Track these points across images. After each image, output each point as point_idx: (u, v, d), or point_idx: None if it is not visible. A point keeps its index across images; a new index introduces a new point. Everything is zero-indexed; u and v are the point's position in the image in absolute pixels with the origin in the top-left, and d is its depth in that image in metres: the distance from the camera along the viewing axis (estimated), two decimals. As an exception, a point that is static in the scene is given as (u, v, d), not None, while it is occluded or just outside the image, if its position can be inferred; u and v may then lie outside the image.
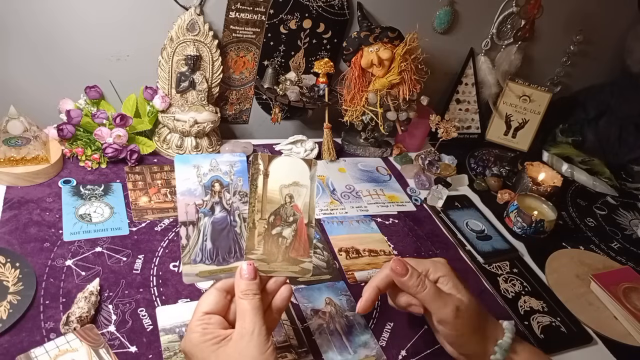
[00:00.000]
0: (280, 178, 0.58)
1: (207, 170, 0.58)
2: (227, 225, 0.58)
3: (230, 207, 0.59)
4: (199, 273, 0.56)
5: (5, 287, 0.63)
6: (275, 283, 0.57)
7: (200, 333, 0.52)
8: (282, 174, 0.58)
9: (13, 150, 0.80)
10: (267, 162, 0.58)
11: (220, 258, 0.57)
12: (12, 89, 0.90)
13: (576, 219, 1.11)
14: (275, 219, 0.57)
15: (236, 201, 0.59)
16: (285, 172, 0.58)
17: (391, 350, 0.69)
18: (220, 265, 0.57)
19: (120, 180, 0.88)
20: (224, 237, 0.58)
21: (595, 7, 1.29)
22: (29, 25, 0.85)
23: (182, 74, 0.94)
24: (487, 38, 1.22)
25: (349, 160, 1.12)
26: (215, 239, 0.57)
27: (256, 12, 0.96)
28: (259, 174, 0.57)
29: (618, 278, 0.89)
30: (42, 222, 0.75)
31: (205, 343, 0.51)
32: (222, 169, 0.58)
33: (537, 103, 1.27)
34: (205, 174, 0.58)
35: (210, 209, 0.57)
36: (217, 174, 0.58)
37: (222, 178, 0.58)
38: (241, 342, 0.51)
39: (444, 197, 1.01)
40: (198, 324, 0.52)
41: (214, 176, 0.58)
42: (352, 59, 1.02)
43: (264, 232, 0.57)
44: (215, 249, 0.57)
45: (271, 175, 0.58)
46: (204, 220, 0.57)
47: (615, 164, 1.30)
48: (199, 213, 0.56)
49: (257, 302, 0.53)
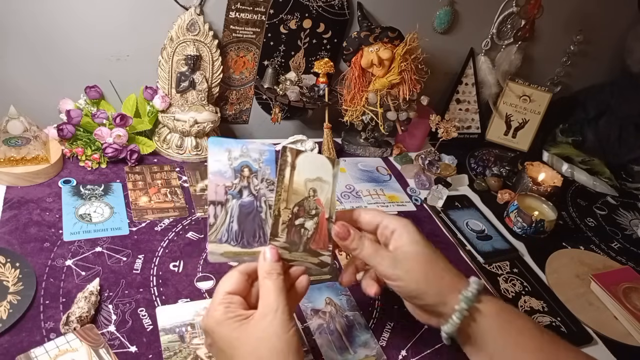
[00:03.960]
0: (305, 172, 0.60)
1: (238, 155, 0.59)
2: (253, 209, 0.59)
3: (257, 193, 0.60)
4: (224, 253, 0.57)
5: (5, 287, 0.63)
6: (296, 271, 0.57)
7: (222, 311, 0.52)
8: (308, 168, 0.60)
9: (13, 150, 0.80)
10: (295, 156, 0.60)
11: (245, 241, 0.58)
12: (12, 89, 0.90)
13: (576, 219, 1.11)
14: (299, 210, 0.60)
15: (263, 188, 0.60)
16: (311, 167, 0.60)
17: (391, 350, 0.69)
18: (244, 248, 0.58)
19: (120, 180, 0.88)
20: (250, 221, 0.59)
21: (595, 7, 1.30)
22: (29, 26, 0.85)
23: (182, 74, 0.95)
24: (487, 38, 1.22)
25: (349, 160, 1.12)
26: (241, 222, 0.59)
27: (256, 12, 0.96)
28: (286, 165, 0.59)
29: (618, 278, 0.89)
30: (42, 222, 0.75)
31: (228, 320, 0.51)
32: (252, 155, 0.60)
33: (537, 103, 1.27)
34: (236, 158, 0.59)
35: (238, 192, 0.59)
36: (247, 159, 0.60)
37: (251, 164, 0.60)
38: (264, 321, 0.51)
39: (444, 197, 1.00)
40: (221, 302, 0.52)
41: (244, 161, 0.59)
42: (352, 59, 1.02)
43: (287, 221, 0.59)
44: (241, 231, 0.58)
45: (297, 168, 0.60)
46: (232, 202, 0.58)
47: (615, 164, 1.30)
48: (227, 194, 0.58)
49: (281, 282, 0.53)
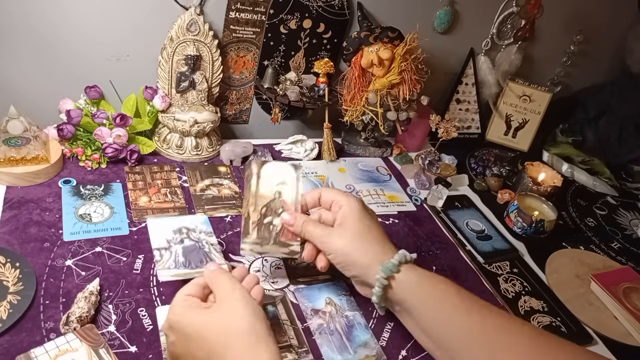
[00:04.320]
0: (271, 178, 0.70)
1: (176, 223, 0.74)
2: (196, 249, 0.72)
3: (197, 240, 0.73)
4: (174, 274, 0.66)
5: (5, 287, 0.63)
6: (250, 282, 0.60)
7: (183, 305, 0.54)
8: (272, 176, 0.71)
9: (13, 150, 0.80)
10: (260, 167, 0.71)
11: (192, 265, 0.69)
12: (12, 89, 0.90)
13: (576, 219, 1.11)
14: (267, 210, 0.69)
15: (203, 236, 0.74)
16: (275, 174, 0.71)
17: (391, 350, 0.69)
18: (193, 270, 0.68)
19: (120, 180, 0.88)
20: (195, 254, 0.71)
21: (595, 7, 1.29)
22: (29, 25, 0.85)
23: (182, 73, 0.94)
24: (487, 38, 1.22)
25: (349, 160, 1.12)
26: (187, 255, 0.70)
27: (256, 12, 0.96)
28: (252, 175, 0.70)
29: (618, 278, 0.89)
30: (42, 222, 0.75)
31: (190, 311, 0.53)
32: (187, 220, 0.75)
33: (537, 103, 1.27)
34: (175, 224, 0.74)
35: (180, 241, 0.72)
36: (183, 224, 0.75)
37: (187, 225, 0.75)
38: (226, 303, 0.53)
39: (444, 197, 1.00)
40: (181, 300, 0.55)
41: (181, 225, 0.74)
42: (352, 59, 1.02)
43: (257, 220, 0.68)
44: (187, 260, 0.69)
45: (262, 176, 0.70)
46: (175, 246, 0.70)
47: (615, 164, 1.30)
48: (170, 243, 0.71)
49: (229, 272, 0.58)
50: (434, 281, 0.61)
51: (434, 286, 0.61)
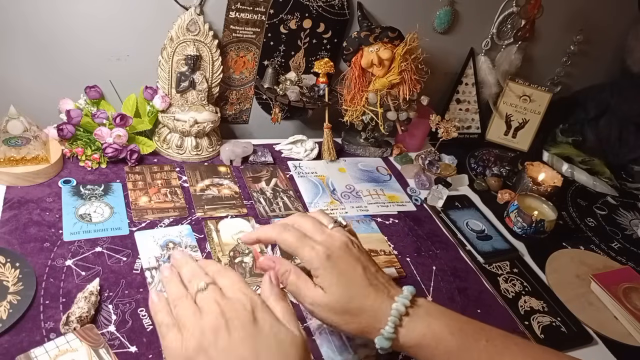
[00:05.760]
0: (228, 229, 0.81)
1: (161, 236, 0.77)
2: None
3: None
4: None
5: (5, 287, 0.63)
6: None
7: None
8: (229, 228, 0.81)
9: (13, 150, 0.80)
10: (216, 224, 0.81)
11: None
12: (12, 89, 0.90)
13: (576, 219, 1.11)
14: (235, 253, 0.77)
15: (188, 251, 0.76)
16: (231, 226, 0.82)
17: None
18: None
19: (120, 180, 0.88)
20: None
21: (595, 7, 1.29)
22: (29, 25, 0.85)
23: (182, 73, 0.94)
24: (487, 38, 1.22)
25: (349, 160, 1.12)
26: None
27: (256, 12, 0.96)
28: (212, 232, 0.80)
29: (618, 278, 0.89)
30: (42, 222, 0.75)
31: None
32: (173, 233, 0.78)
33: (537, 103, 1.27)
34: (160, 238, 0.77)
35: (168, 258, 0.73)
36: (169, 237, 0.77)
37: (173, 239, 0.77)
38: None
39: (444, 197, 1.00)
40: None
41: (167, 239, 0.77)
42: (352, 59, 1.02)
43: (228, 262, 0.75)
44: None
45: (221, 230, 0.81)
46: (164, 265, 0.72)
47: (615, 164, 1.30)
48: (159, 262, 0.72)
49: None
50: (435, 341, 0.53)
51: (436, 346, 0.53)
